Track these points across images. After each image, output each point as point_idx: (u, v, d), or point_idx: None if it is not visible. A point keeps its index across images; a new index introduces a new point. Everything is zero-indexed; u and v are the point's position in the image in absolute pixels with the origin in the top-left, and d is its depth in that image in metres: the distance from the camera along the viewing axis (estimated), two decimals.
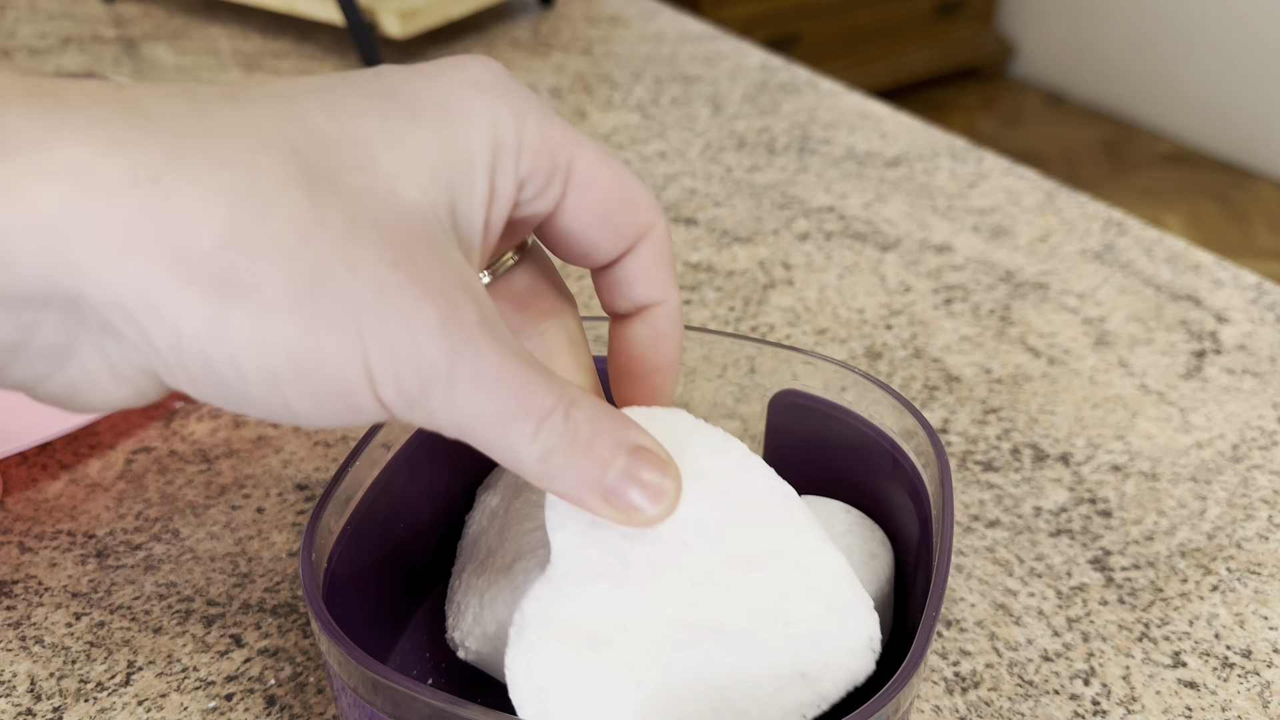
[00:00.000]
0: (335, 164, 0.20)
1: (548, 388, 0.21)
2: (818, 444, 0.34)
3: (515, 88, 0.23)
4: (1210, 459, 0.43)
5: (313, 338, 0.19)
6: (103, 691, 0.33)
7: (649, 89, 0.76)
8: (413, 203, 0.20)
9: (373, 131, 0.21)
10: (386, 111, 0.21)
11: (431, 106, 0.22)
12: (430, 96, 0.22)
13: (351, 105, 0.21)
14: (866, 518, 0.32)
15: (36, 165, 0.17)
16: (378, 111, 0.21)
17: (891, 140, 0.69)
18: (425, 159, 0.21)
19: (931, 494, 0.29)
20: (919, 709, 0.33)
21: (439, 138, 0.21)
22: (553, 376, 0.22)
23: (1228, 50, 2.26)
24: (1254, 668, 0.34)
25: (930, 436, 0.30)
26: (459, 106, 0.22)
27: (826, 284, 0.54)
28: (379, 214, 0.20)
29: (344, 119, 0.21)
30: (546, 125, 0.23)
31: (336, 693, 0.26)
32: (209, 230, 0.18)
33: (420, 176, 0.21)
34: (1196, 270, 0.55)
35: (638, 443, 0.23)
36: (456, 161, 0.21)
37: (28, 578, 0.37)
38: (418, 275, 0.20)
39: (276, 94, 0.20)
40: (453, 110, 0.22)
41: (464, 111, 0.22)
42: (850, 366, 0.32)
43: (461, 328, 0.20)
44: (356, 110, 0.21)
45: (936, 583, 0.26)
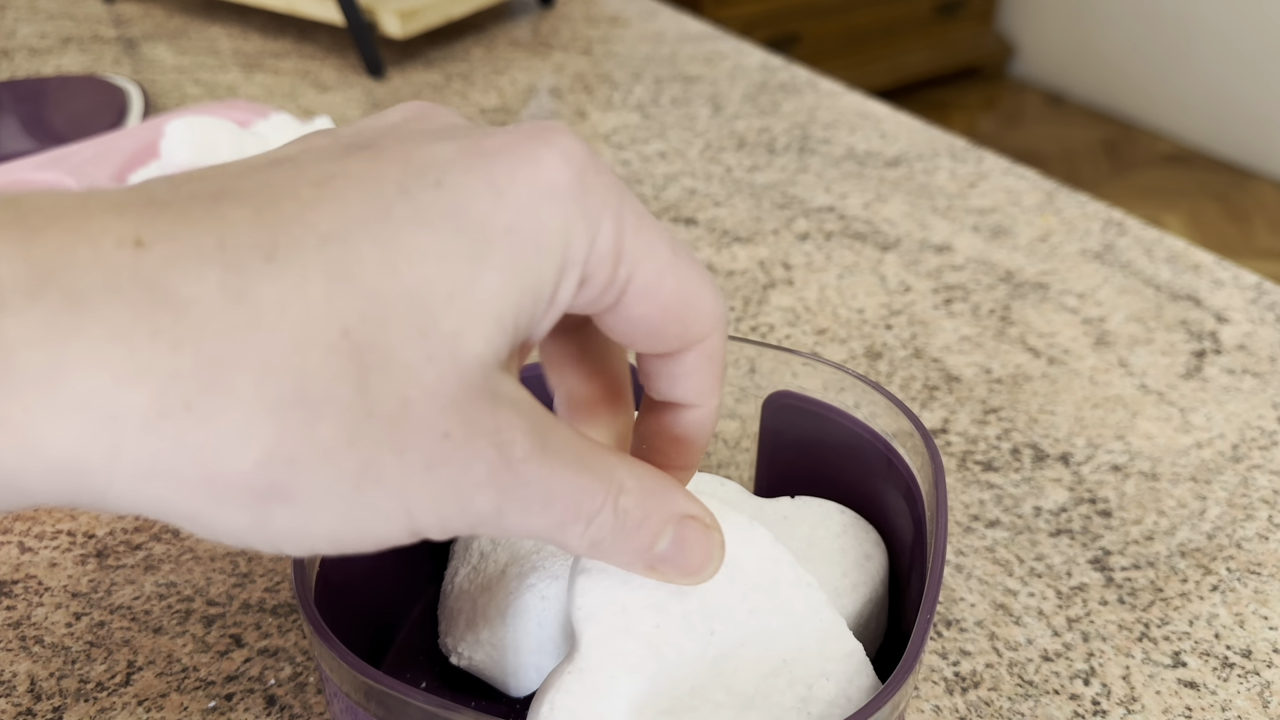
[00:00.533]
0: (390, 337, 0.18)
1: (595, 489, 0.21)
2: (812, 445, 0.34)
3: (593, 186, 0.21)
4: (1210, 459, 0.43)
5: (355, 526, 0.18)
6: (103, 691, 0.33)
7: (649, 89, 0.76)
8: (475, 357, 0.19)
9: (433, 281, 0.18)
10: (450, 250, 0.19)
11: (501, 233, 0.19)
12: (500, 219, 0.19)
13: (411, 244, 0.18)
14: (861, 519, 0.32)
15: (48, 401, 0.15)
16: (440, 251, 0.19)
17: (891, 140, 0.69)
18: (491, 308, 0.19)
19: (925, 495, 0.29)
20: (919, 709, 0.33)
21: (508, 277, 0.19)
22: (600, 471, 0.21)
23: (1228, 50, 2.26)
24: (1254, 668, 0.34)
25: (924, 437, 0.30)
26: (531, 229, 0.20)
27: (826, 284, 0.54)
28: (435, 386, 0.18)
29: (402, 266, 0.18)
30: (620, 232, 0.21)
31: (329, 697, 0.26)
32: (251, 453, 0.17)
33: (485, 327, 0.19)
34: (1196, 270, 0.55)
35: (684, 512, 0.23)
36: (525, 300, 0.20)
37: (28, 578, 0.37)
38: (468, 436, 0.19)
39: (328, 235, 0.18)
40: (524, 237, 0.20)
41: (536, 236, 0.20)
42: (845, 368, 0.32)
43: (510, 469, 0.19)
44: (416, 251, 0.18)
45: (931, 584, 0.26)
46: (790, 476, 0.34)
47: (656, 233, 0.22)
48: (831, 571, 0.30)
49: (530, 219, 0.20)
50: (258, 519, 0.17)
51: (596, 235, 0.21)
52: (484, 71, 0.78)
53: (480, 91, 0.75)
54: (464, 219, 0.19)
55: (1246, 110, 2.26)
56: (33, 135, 0.64)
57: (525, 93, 0.75)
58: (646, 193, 0.62)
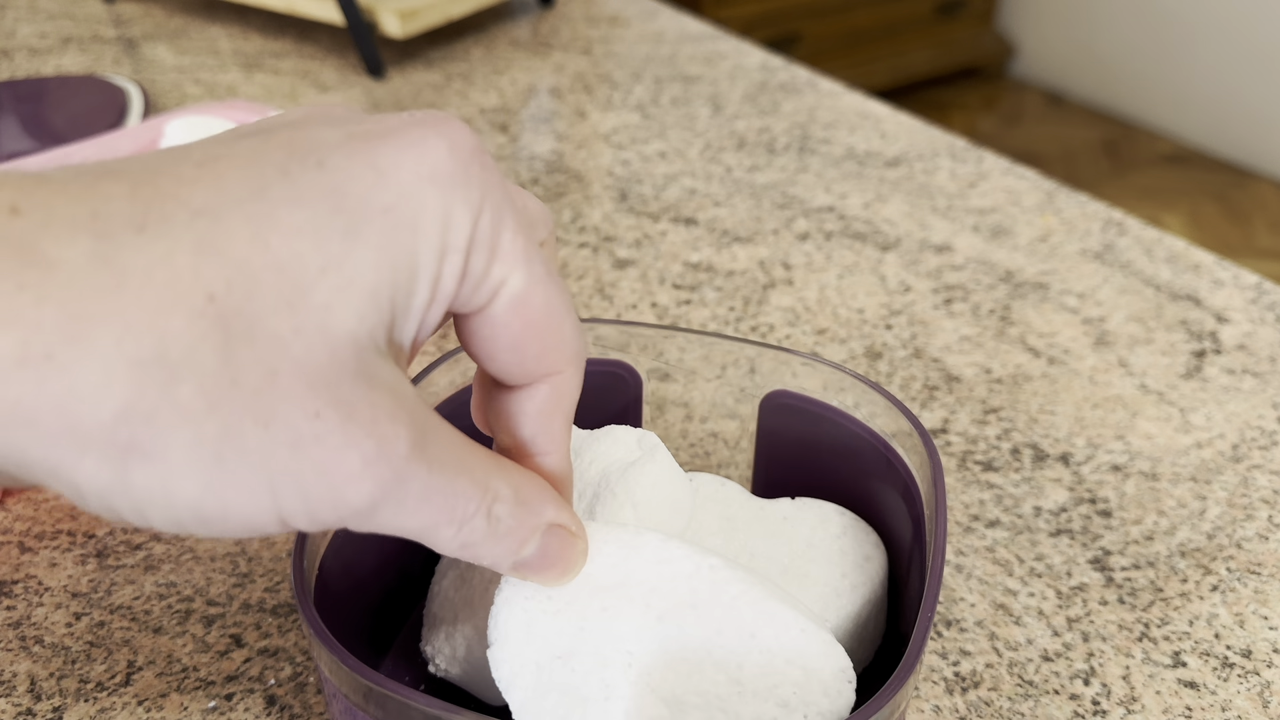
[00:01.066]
0: (257, 307, 0.18)
1: (471, 494, 0.21)
2: (810, 445, 0.34)
3: (475, 175, 0.21)
4: (1210, 459, 0.43)
5: (218, 496, 0.18)
6: (103, 691, 0.33)
7: (649, 89, 0.76)
8: (345, 333, 0.19)
9: (305, 256, 0.19)
10: (324, 226, 0.19)
11: (378, 213, 0.19)
12: (379, 199, 0.20)
13: (285, 220, 0.19)
14: (860, 520, 0.32)
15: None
16: (314, 227, 0.19)
17: (891, 140, 0.69)
18: (364, 283, 0.19)
19: (924, 495, 0.29)
20: (918, 709, 0.33)
21: (382, 254, 0.19)
22: (478, 476, 0.21)
23: (1228, 50, 2.26)
24: (1254, 668, 0.34)
25: (923, 437, 0.30)
26: (409, 210, 0.20)
27: (826, 284, 0.54)
28: (304, 359, 0.18)
29: (274, 241, 0.18)
30: (498, 229, 0.21)
31: (328, 698, 0.26)
32: (109, 405, 0.17)
33: (357, 303, 0.19)
34: (1196, 270, 0.55)
35: (551, 521, 0.23)
36: (400, 278, 0.20)
37: (28, 578, 0.37)
38: (342, 419, 0.19)
39: (200, 209, 0.18)
40: (401, 216, 0.20)
41: (414, 216, 0.20)
42: (843, 368, 0.32)
43: (389, 464, 0.19)
44: (290, 227, 0.18)
45: (930, 584, 0.26)
46: (789, 476, 0.34)
47: (533, 247, 0.22)
48: (831, 573, 0.30)
49: (410, 201, 0.20)
50: (118, 476, 0.17)
51: (479, 222, 0.21)
52: (484, 71, 0.78)
53: (480, 91, 0.75)
54: (342, 198, 0.19)
55: (1246, 110, 2.26)
56: (33, 135, 0.64)
57: (525, 93, 0.75)
58: (647, 193, 0.62)
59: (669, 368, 0.35)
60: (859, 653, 0.30)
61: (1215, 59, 2.28)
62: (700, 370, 0.34)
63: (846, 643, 0.30)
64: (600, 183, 0.63)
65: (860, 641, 0.30)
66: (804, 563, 0.30)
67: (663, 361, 0.34)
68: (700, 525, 0.31)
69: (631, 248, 0.56)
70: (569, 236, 0.57)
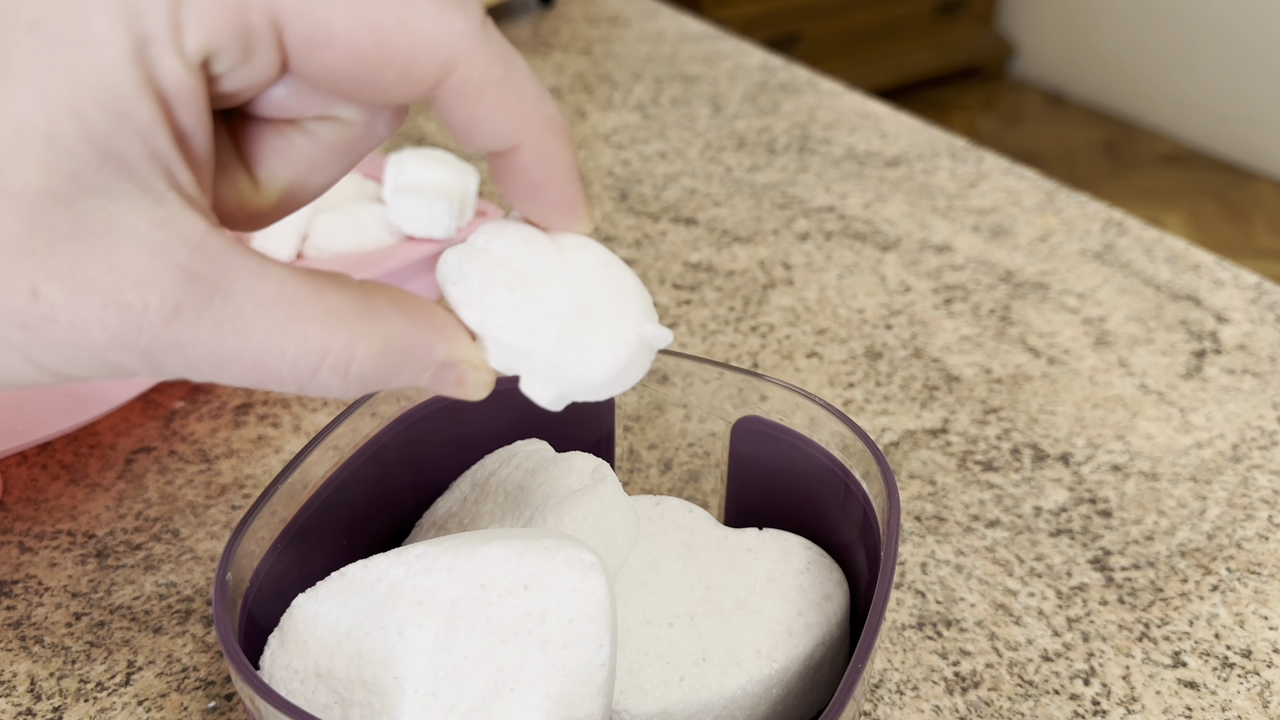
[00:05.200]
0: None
1: (298, 355, 0.18)
2: (780, 473, 0.33)
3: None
4: (1210, 459, 0.43)
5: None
6: (103, 691, 0.33)
7: (649, 89, 0.76)
8: (35, 190, 0.16)
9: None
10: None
11: (25, 30, 0.16)
12: (22, 10, 0.16)
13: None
14: (825, 555, 0.31)
15: None
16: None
17: (891, 140, 0.69)
18: (37, 128, 0.16)
19: (880, 526, 0.29)
20: (919, 709, 0.33)
21: (47, 85, 0.16)
22: (316, 334, 0.18)
23: (1228, 50, 2.26)
24: (1254, 668, 0.34)
25: (880, 464, 0.29)
26: (64, 17, 0.16)
27: (826, 284, 0.54)
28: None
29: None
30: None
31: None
32: None
33: (37, 153, 0.16)
34: (1196, 270, 0.55)
35: (442, 361, 0.20)
36: (86, 105, 0.16)
37: (28, 577, 0.37)
38: (70, 292, 0.16)
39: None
40: (56, 28, 0.16)
41: (75, 22, 0.16)
42: (806, 392, 0.31)
43: (142, 333, 0.17)
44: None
45: (867, 634, 0.25)
46: (760, 503, 0.34)
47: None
48: (786, 610, 0.29)
49: (61, 2, 0.16)
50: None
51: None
52: None
53: None
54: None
55: (1246, 110, 2.26)
56: None
57: None
58: (647, 193, 0.62)
59: (645, 388, 0.34)
60: (812, 694, 0.30)
61: (1215, 59, 2.28)
62: (676, 394, 0.34)
63: (798, 684, 0.29)
64: (600, 183, 0.63)
65: (814, 683, 0.30)
66: (760, 598, 0.30)
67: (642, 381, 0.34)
68: (660, 553, 0.31)
69: (631, 248, 0.56)
70: None
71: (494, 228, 0.23)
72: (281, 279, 0.18)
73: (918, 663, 0.34)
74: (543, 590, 0.25)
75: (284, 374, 0.18)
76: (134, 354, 0.17)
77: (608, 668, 0.24)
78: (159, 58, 0.17)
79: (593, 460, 0.32)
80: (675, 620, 0.29)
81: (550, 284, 0.22)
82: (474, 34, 0.19)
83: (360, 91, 0.19)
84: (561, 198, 0.22)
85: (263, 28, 0.17)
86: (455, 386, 0.21)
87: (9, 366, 0.17)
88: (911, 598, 0.37)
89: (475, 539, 0.26)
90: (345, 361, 0.19)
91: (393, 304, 0.20)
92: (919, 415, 0.45)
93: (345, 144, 0.21)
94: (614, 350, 0.22)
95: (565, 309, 0.22)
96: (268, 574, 0.28)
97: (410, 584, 0.26)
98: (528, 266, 0.22)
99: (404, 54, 0.18)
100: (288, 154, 0.21)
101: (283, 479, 0.29)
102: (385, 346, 0.19)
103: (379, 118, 0.21)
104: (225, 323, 0.17)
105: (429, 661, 0.25)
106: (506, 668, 0.24)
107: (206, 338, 0.17)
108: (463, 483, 0.33)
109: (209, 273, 0.17)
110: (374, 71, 0.18)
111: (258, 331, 0.18)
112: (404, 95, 0.19)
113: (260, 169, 0.21)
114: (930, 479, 0.41)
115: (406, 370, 0.20)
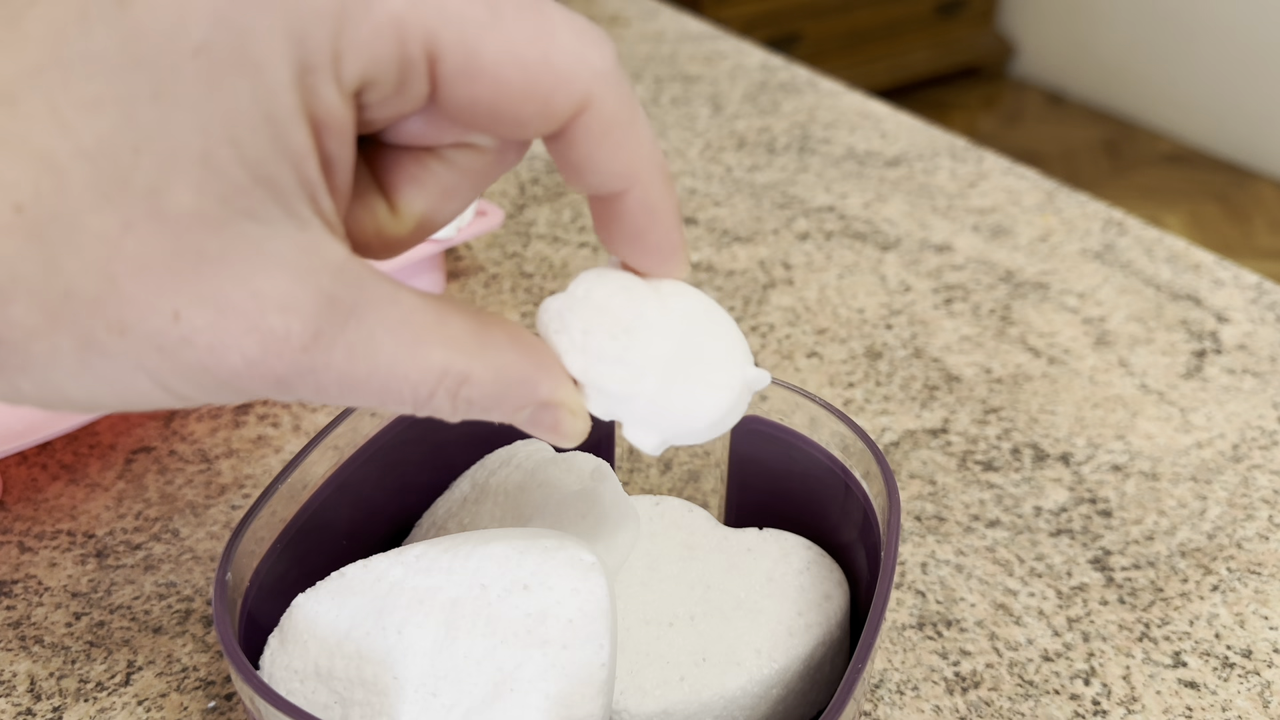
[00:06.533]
0: (73, 206, 0.16)
1: (420, 379, 0.19)
2: (780, 473, 0.33)
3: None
4: (1210, 459, 0.43)
5: (107, 393, 0.17)
6: (102, 691, 0.33)
7: (649, 88, 0.76)
8: (186, 214, 0.16)
9: (113, 135, 0.16)
10: (128, 89, 0.16)
11: (188, 56, 0.16)
12: (186, 37, 0.16)
13: (83, 90, 0.15)
14: (826, 557, 0.31)
15: None
16: (116, 94, 0.16)
17: (891, 140, 0.69)
18: (192, 152, 0.16)
19: (880, 526, 0.29)
20: (919, 709, 0.33)
21: (205, 111, 0.16)
22: (437, 358, 0.19)
23: (1228, 50, 2.26)
24: (1254, 668, 0.34)
25: (880, 463, 0.29)
26: (229, 44, 0.16)
27: (826, 284, 0.54)
28: (142, 255, 0.16)
29: (77, 126, 0.15)
30: (383, 2, 0.17)
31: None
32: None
33: (192, 176, 0.16)
34: (1197, 270, 0.55)
35: (544, 400, 0.21)
36: (242, 131, 0.16)
37: (27, 577, 0.37)
38: (213, 316, 0.16)
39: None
40: (219, 55, 0.16)
41: (238, 49, 0.16)
42: (806, 392, 0.31)
43: (280, 359, 0.17)
44: (88, 100, 0.15)
45: (867, 634, 0.25)
46: (760, 503, 0.34)
47: None
48: (786, 610, 0.29)
49: (226, 29, 0.16)
50: (11, 387, 0.17)
51: (345, 18, 0.17)
52: None
53: None
54: (142, 45, 0.16)
55: (1247, 110, 2.26)
56: None
57: None
58: None
59: None
60: (812, 694, 0.30)
61: (1216, 59, 2.28)
62: None
63: (798, 684, 0.29)
64: None
65: (814, 683, 0.30)
66: (760, 597, 0.30)
67: None
68: (660, 553, 0.31)
69: None
70: (569, 236, 0.57)
71: (594, 276, 0.23)
72: (411, 304, 0.18)
73: (918, 663, 0.34)
74: (543, 590, 0.25)
75: (405, 396, 0.19)
76: (269, 381, 0.17)
77: (608, 668, 0.24)
78: (316, 86, 0.17)
79: (593, 460, 0.32)
80: (675, 620, 0.29)
81: (652, 331, 0.22)
82: (609, 73, 0.19)
83: (497, 124, 0.19)
84: (664, 244, 0.22)
85: (419, 59, 0.18)
86: (549, 430, 0.21)
87: (134, 388, 0.17)
88: (912, 598, 0.37)
89: (475, 539, 0.26)
90: (458, 384, 0.19)
91: (508, 336, 0.20)
92: (919, 415, 0.45)
93: (479, 171, 0.21)
94: (717, 396, 0.22)
95: (667, 356, 0.22)
96: (267, 574, 0.28)
97: (410, 584, 0.26)
98: (629, 314, 0.22)
99: (545, 88, 0.18)
100: (424, 181, 0.21)
101: (282, 479, 0.29)
102: (497, 375, 0.20)
103: (512, 144, 0.21)
104: (358, 346, 0.18)
105: (429, 661, 0.25)
106: (506, 668, 0.24)
107: (340, 362, 0.18)
108: (463, 482, 0.33)
109: (347, 297, 0.18)
110: (515, 105, 0.18)
111: (385, 355, 0.18)
112: (538, 128, 0.19)
113: (398, 196, 0.21)
114: (930, 479, 0.41)
115: (510, 402, 0.20)
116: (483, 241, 0.55)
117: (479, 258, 0.54)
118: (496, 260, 0.54)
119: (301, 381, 0.18)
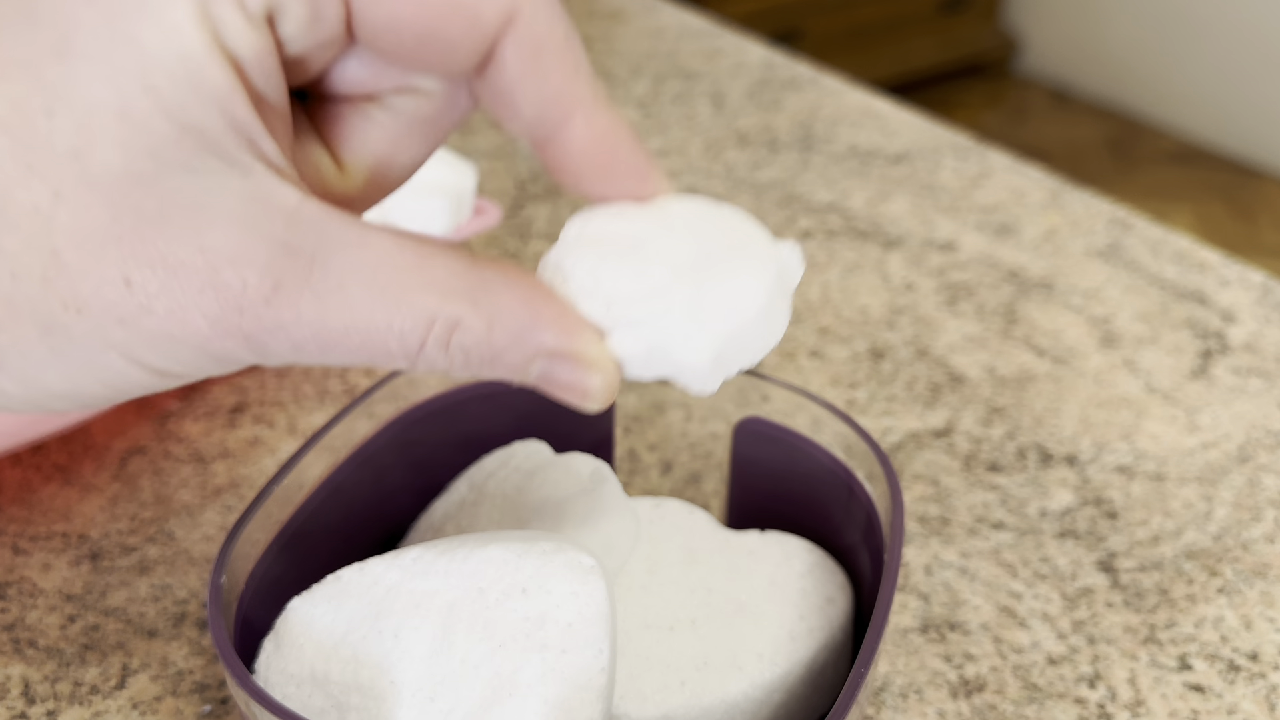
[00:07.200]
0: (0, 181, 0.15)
1: (405, 326, 0.17)
2: (782, 475, 0.32)
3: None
4: (1217, 460, 0.42)
5: (85, 380, 0.16)
6: (97, 695, 0.32)
7: (649, 85, 0.75)
8: (117, 173, 0.15)
9: (23, 102, 0.15)
10: (30, 53, 0.15)
11: (81, 3, 0.15)
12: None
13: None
14: (828, 558, 0.31)
15: None
16: (22, 57, 0.15)
17: (895, 137, 0.68)
18: (106, 106, 0.15)
19: (884, 528, 0.28)
20: (922, 713, 0.32)
21: (113, 61, 0.15)
22: (421, 302, 0.17)
23: (1235, 47, 2.25)
24: (1261, 670, 0.34)
25: (884, 465, 0.29)
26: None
27: (829, 282, 0.53)
28: (78, 224, 0.15)
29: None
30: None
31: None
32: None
33: (113, 134, 0.15)
34: (1203, 269, 0.55)
35: (551, 350, 0.19)
36: (157, 77, 0.15)
37: (21, 580, 0.36)
38: (164, 279, 0.16)
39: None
40: (123, 7, 0.15)
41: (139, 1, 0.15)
42: (808, 393, 0.31)
43: (243, 315, 0.16)
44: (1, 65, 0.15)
45: (870, 638, 0.24)
46: (762, 505, 0.33)
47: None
48: (788, 614, 0.29)
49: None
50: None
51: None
52: None
53: None
54: (36, 6, 0.15)
55: (1254, 108, 2.25)
56: None
57: None
58: None
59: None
60: (815, 699, 0.29)
61: (1222, 56, 2.27)
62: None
63: (801, 689, 0.29)
64: None
65: (816, 688, 0.29)
66: (762, 601, 0.29)
67: None
68: (661, 556, 0.31)
69: None
70: None
71: (581, 217, 0.21)
72: (385, 247, 0.17)
73: (921, 666, 0.34)
74: (541, 594, 0.24)
75: (392, 349, 0.17)
76: (238, 340, 0.16)
77: (607, 672, 0.24)
78: (223, 16, 0.16)
79: (592, 462, 0.32)
80: (676, 624, 0.29)
81: (662, 240, 0.20)
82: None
83: (426, 48, 0.18)
84: (631, 165, 0.21)
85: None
86: (569, 389, 0.19)
87: (110, 369, 0.16)
88: (915, 601, 0.36)
89: (472, 542, 0.26)
90: (448, 330, 0.18)
91: (504, 277, 0.19)
92: (923, 416, 0.44)
93: (427, 118, 0.20)
94: (758, 275, 0.20)
95: (688, 257, 0.20)
96: (263, 577, 0.28)
97: (407, 587, 0.25)
98: (633, 231, 0.20)
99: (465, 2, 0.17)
100: (369, 132, 0.20)
101: (278, 481, 0.28)
102: (492, 320, 0.18)
103: (459, 90, 0.20)
104: (327, 296, 0.17)
105: (426, 666, 0.24)
106: (504, 672, 0.24)
107: (310, 315, 0.17)
108: (460, 485, 0.33)
109: (306, 244, 0.16)
110: (440, 20, 0.17)
111: (360, 305, 0.17)
112: (470, 49, 0.18)
113: (343, 150, 0.20)
114: (934, 480, 0.41)
115: (513, 354, 0.18)
116: (481, 240, 0.55)
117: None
118: (495, 259, 0.54)
119: (274, 339, 0.17)
